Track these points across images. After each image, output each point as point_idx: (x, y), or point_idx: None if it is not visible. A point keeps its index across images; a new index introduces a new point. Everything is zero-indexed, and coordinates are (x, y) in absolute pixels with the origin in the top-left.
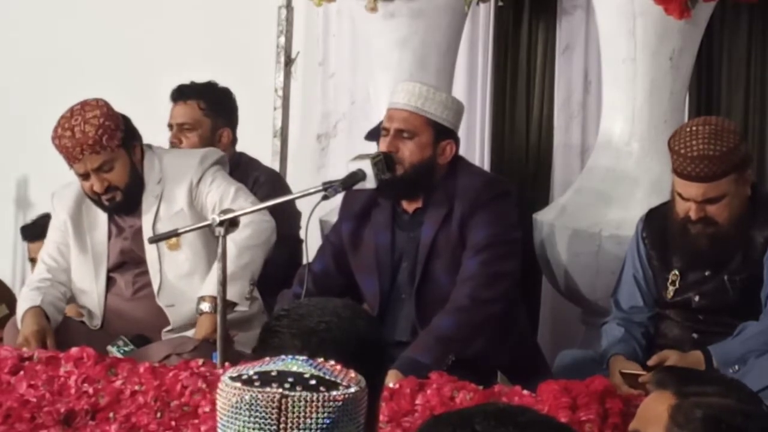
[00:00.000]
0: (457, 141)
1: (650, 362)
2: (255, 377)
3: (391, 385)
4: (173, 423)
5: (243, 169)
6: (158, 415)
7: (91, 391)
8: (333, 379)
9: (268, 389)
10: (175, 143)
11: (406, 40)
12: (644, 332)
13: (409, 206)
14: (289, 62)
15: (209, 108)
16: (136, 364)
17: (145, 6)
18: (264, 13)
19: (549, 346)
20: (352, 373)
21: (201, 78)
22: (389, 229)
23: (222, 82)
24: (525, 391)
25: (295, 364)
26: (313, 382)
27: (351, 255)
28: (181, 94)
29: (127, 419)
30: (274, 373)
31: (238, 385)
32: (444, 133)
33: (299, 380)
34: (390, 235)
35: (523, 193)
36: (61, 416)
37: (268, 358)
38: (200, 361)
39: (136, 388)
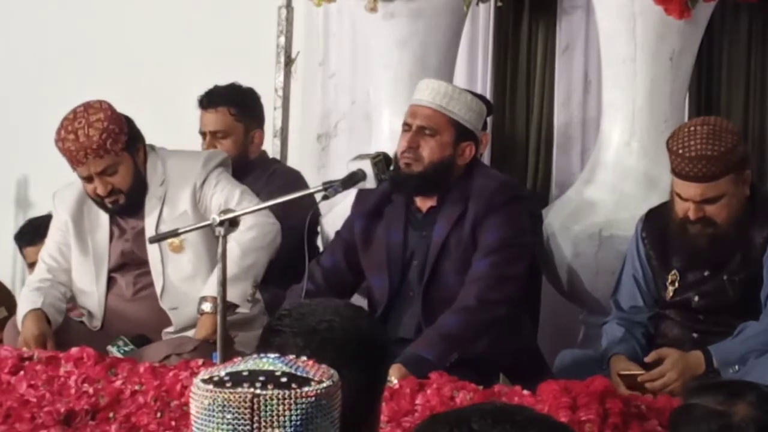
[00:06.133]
0: (476, 143)
1: (647, 359)
2: (226, 378)
3: (394, 379)
4: (173, 423)
5: (263, 164)
6: (158, 415)
7: (91, 391)
8: (305, 375)
9: (239, 389)
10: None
11: (406, 41)
12: (644, 332)
13: (422, 204)
14: (289, 62)
15: (240, 113)
16: (136, 364)
17: (145, 6)
18: (264, 13)
19: (549, 346)
20: (324, 368)
21: (201, 79)
22: (402, 227)
23: (221, 82)
24: (525, 391)
25: (267, 362)
26: (284, 379)
27: (362, 252)
28: (210, 101)
29: (127, 419)
30: (245, 373)
31: (210, 387)
32: (465, 135)
33: (270, 378)
34: (402, 233)
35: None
36: (61, 416)
37: (239, 358)
38: (200, 361)
39: (136, 388)
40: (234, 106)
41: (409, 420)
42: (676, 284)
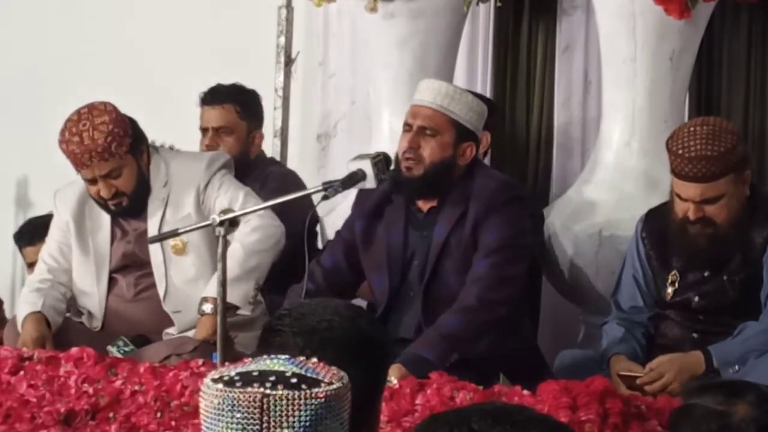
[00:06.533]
0: (477, 143)
1: (645, 379)
2: (236, 378)
3: (394, 379)
4: (173, 423)
5: (261, 165)
6: (158, 415)
7: (91, 391)
8: (315, 376)
9: (249, 389)
10: (212, 147)
11: (406, 41)
12: (644, 332)
13: (423, 205)
14: (289, 62)
15: (243, 111)
16: (136, 364)
17: (145, 6)
18: (264, 13)
19: (549, 346)
20: (335, 370)
21: (201, 79)
22: (402, 227)
23: (222, 82)
24: (525, 391)
25: (277, 363)
26: (294, 380)
27: (362, 252)
28: (215, 97)
29: (127, 419)
30: (255, 373)
31: (220, 386)
32: (466, 135)
33: (281, 379)
34: (403, 233)
35: None
36: (61, 416)
37: (249, 359)
38: (200, 361)
39: (136, 388)
40: (239, 103)
41: (409, 420)
42: (676, 284)
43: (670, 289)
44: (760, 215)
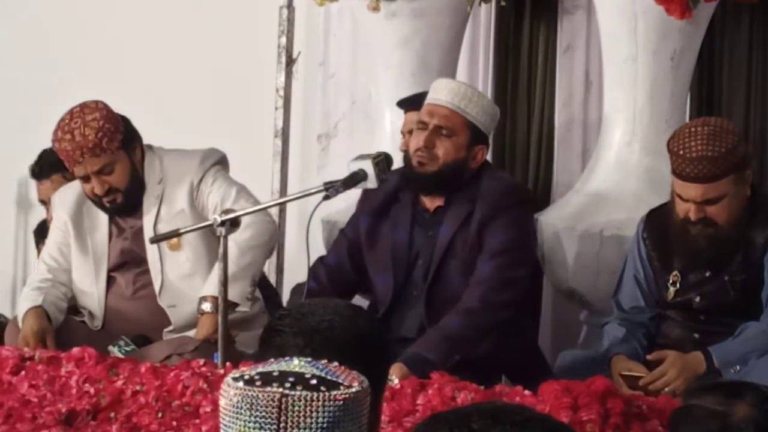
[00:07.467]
0: (488, 146)
1: (650, 357)
2: (257, 377)
3: (395, 379)
4: (174, 423)
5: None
6: (159, 415)
7: (92, 391)
8: (334, 379)
9: (268, 389)
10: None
11: (408, 40)
12: (646, 332)
13: (430, 204)
14: (290, 62)
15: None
16: (137, 364)
17: (146, 6)
18: (265, 13)
19: (549, 346)
20: (355, 374)
21: (201, 78)
22: (408, 226)
23: (223, 82)
24: (526, 392)
25: (298, 364)
26: (314, 381)
27: (367, 250)
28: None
29: (128, 419)
30: (275, 374)
31: (240, 385)
32: (479, 138)
33: (300, 380)
34: (408, 232)
35: None
36: (62, 416)
37: (272, 360)
38: (201, 361)
39: (138, 388)
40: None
41: (410, 420)
42: (678, 285)
43: (671, 290)
44: (761, 216)
